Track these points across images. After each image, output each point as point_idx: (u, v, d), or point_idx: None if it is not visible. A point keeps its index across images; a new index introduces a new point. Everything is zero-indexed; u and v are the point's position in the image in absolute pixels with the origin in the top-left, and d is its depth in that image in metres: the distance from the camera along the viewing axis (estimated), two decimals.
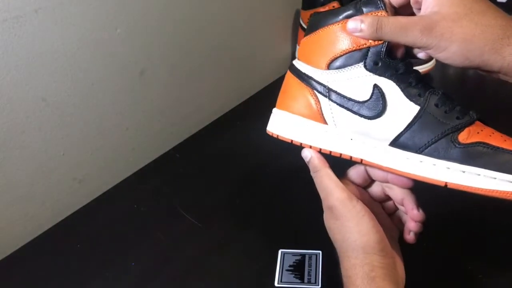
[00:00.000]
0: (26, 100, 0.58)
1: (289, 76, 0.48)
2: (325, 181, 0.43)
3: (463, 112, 0.43)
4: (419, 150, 0.42)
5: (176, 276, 0.53)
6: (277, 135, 0.47)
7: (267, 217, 0.61)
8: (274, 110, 0.49)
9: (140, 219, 0.63)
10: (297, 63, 0.48)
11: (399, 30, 0.40)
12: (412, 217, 0.46)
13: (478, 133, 0.42)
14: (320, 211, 0.44)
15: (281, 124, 0.48)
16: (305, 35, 0.47)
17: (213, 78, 0.87)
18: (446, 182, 0.41)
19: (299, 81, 0.46)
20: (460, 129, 0.42)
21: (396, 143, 0.43)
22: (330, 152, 0.46)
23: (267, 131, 0.48)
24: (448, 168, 0.41)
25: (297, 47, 1.07)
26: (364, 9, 0.42)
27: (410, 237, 0.46)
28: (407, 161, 0.43)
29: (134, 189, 0.69)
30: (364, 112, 0.44)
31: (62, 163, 0.64)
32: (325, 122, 0.45)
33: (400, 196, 0.46)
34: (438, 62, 0.99)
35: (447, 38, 0.38)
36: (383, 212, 0.48)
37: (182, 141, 0.80)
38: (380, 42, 0.42)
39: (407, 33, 0.39)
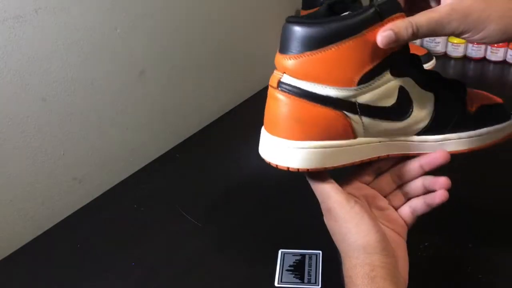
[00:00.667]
0: (26, 100, 0.58)
1: (299, 102, 0.41)
2: (321, 184, 0.43)
3: (456, 81, 0.47)
4: (444, 131, 0.45)
5: (176, 276, 0.53)
6: (307, 169, 0.42)
7: (267, 217, 0.61)
8: (280, 142, 0.42)
9: (140, 219, 0.63)
10: (303, 84, 0.40)
11: (435, 26, 0.39)
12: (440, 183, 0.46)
13: (471, 99, 0.47)
14: (320, 211, 0.44)
15: (304, 156, 0.41)
16: (298, 50, 0.40)
17: (213, 78, 0.87)
18: (470, 148, 0.47)
19: (320, 106, 0.40)
20: (466, 100, 0.47)
21: (424, 131, 0.45)
22: (361, 161, 0.44)
23: (281, 166, 0.42)
24: (471, 136, 0.46)
25: None
26: (385, 15, 0.39)
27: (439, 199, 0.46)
28: (435, 143, 0.46)
29: (134, 189, 0.69)
30: (394, 115, 0.43)
31: (62, 163, 0.64)
32: (355, 136, 0.43)
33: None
34: (438, 62, 1.00)
35: (484, 19, 0.39)
36: (390, 206, 0.48)
37: (182, 141, 0.80)
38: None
39: (444, 26, 0.39)
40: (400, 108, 0.43)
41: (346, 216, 0.41)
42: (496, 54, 1.02)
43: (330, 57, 0.39)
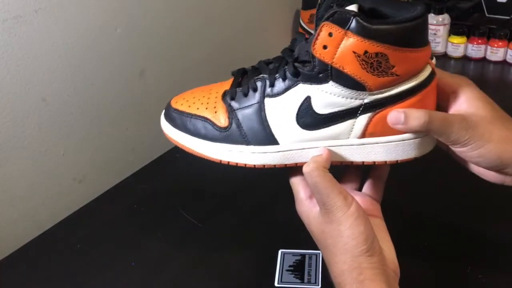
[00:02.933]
0: (26, 100, 0.58)
1: None
2: (322, 182, 0.42)
3: None
4: None
5: (176, 276, 0.53)
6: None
7: (267, 217, 0.61)
8: None
9: (140, 219, 0.62)
10: None
11: (446, 125, 0.42)
12: None
13: None
14: None
15: None
16: None
17: (213, 78, 0.87)
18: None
19: None
20: None
21: None
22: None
23: None
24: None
25: None
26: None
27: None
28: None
29: (134, 189, 0.69)
30: None
31: (62, 163, 0.64)
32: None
33: None
34: (438, 62, 1.00)
35: (487, 138, 0.42)
36: (354, 190, 0.49)
37: None
38: None
39: (453, 129, 0.42)
40: None
41: (341, 217, 0.41)
42: (496, 54, 1.02)
43: None
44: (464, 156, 0.44)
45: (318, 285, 0.50)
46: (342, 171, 0.49)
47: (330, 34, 0.40)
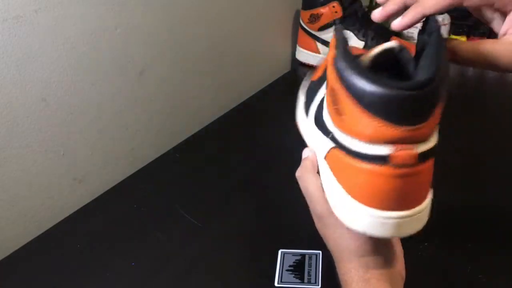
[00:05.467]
0: (26, 100, 0.58)
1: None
2: (311, 187, 0.42)
3: None
4: None
5: (176, 276, 0.53)
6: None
7: (267, 217, 0.61)
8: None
9: (140, 219, 0.63)
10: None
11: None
12: None
13: None
14: None
15: None
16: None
17: (213, 78, 0.87)
18: None
19: None
20: None
21: None
22: None
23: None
24: None
25: (297, 47, 1.07)
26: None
27: None
28: None
29: (134, 189, 0.69)
30: None
31: (62, 163, 0.64)
32: None
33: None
34: None
35: None
36: None
37: (182, 141, 0.80)
38: None
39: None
40: None
41: (336, 222, 0.41)
42: None
43: None
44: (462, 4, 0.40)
45: (318, 285, 0.50)
46: None
47: None
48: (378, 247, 0.41)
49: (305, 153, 0.45)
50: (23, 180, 0.60)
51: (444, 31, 1.04)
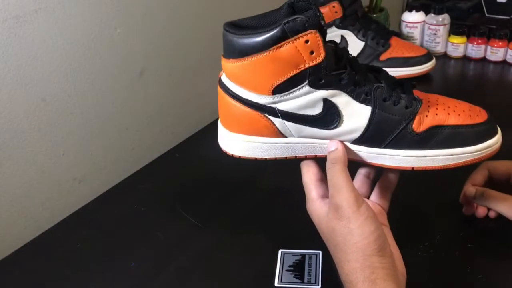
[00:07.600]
0: (26, 100, 0.58)
1: (229, 100, 0.47)
2: (338, 176, 0.43)
3: (409, 99, 0.46)
4: (381, 145, 0.46)
5: (176, 276, 0.53)
6: (239, 156, 0.49)
7: (267, 217, 0.61)
8: (225, 132, 0.50)
9: (140, 219, 0.62)
10: (232, 86, 0.46)
11: (501, 201, 0.52)
12: None
13: (426, 116, 0.46)
14: None
15: (240, 145, 0.49)
16: (228, 56, 0.45)
17: (213, 78, 0.87)
18: (412, 167, 0.47)
19: (244, 107, 0.46)
20: (412, 119, 0.45)
21: (359, 142, 0.46)
22: (295, 157, 0.48)
23: (224, 151, 0.51)
24: (411, 156, 0.46)
25: None
26: (294, 33, 0.41)
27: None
28: (371, 154, 0.47)
29: (134, 189, 0.69)
30: (321, 124, 0.46)
31: (62, 163, 0.64)
32: (283, 136, 0.47)
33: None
34: (438, 62, 1.00)
35: None
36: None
37: (182, 141, 0.80)
38: (318, 60, 0.42)
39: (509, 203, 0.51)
40: (328, 118, 0.45)
41: (351, 216, 0.41)
42: (496, 54, 1.02)
43: (246, 67, 0.44)
44: None
45: (318, 285, 0.50)
46: (353, 177, 0.50)
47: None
48: (384, 247, 0.41)
49: (333, 145, 0.46)
50: (23, 180, 0.60)
51: (444, 31, 1.04)
